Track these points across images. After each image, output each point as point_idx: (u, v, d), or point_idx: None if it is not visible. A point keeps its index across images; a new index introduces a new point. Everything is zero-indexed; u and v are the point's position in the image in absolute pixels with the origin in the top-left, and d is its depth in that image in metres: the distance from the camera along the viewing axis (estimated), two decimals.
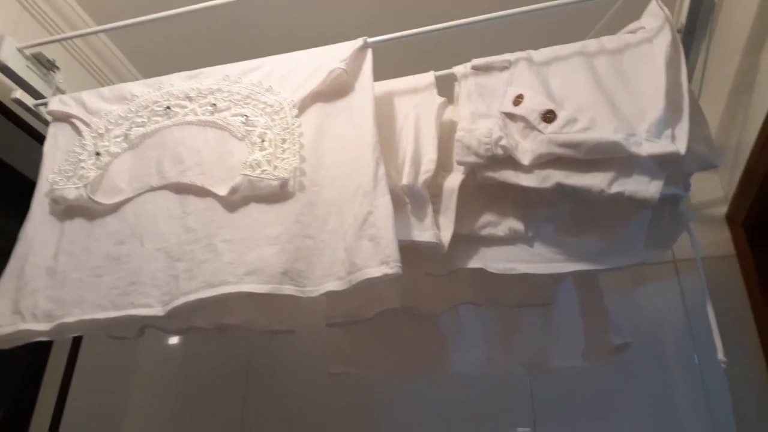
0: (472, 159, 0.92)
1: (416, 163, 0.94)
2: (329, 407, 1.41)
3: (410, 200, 0.94)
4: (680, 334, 1.30)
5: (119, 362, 1.55)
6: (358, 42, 0.97)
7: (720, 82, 1.30)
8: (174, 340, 1.59)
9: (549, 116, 0.86)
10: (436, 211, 0.96)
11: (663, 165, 0.81)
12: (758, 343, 1.23)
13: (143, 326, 1.11)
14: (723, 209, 1.37)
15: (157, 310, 0.87)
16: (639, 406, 1.27)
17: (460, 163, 0.95)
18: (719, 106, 1.33)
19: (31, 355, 1.41)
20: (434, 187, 0.97)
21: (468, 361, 1.11)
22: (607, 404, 1.29)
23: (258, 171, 0.89)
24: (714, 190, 1.39)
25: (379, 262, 0.80)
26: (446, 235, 0.93)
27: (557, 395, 1.31)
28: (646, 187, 0.80)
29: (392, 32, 1.02)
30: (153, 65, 1.49)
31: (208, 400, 1.49)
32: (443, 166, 0.99)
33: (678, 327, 1.31)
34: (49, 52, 1.24)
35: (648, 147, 0.80)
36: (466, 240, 0.97)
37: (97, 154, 1.00)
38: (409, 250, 0.98)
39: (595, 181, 0.82)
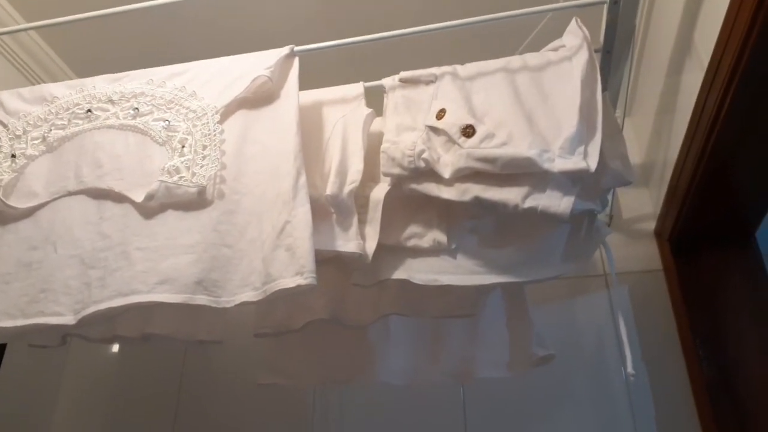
0: (396, 171, 0.93)
1: (342, 174, 0.94)
2: (262, 418, 1.39)
3: (335, 210, 0.93)
4: (609, 345, 1.33)
5: (45, 372, 1.50)
6: (285, 50, 0.97)
7: (648, 102, 1.35)
8: (104, 350, 1.55)
9: (468, 131, 0.87)
10: (362, 222, 0.96)
11: (575, 181, 0.82)
12: (681, 355, 1.26)
13: (64, 334, 1.08)
14: (652, 225, 1.41)
15: (68, 319, 0.85)
16: (570, 416, 1.29)
17: (385, 175, 0.95)
18: (647, 125, 1.38)
19: None
20: (361, 198, 0.97)
21: (395, 372, 1.11)
22: (539, 415, 1.30)
23: (176, 177, 0.87)
24: (644, 205, 1.43)
25: (294, 272, 0.79)
26: (371, 246, 0.93)
27: (489, 405, 1.32)
28: (558, 202, 0.81)
29: (324, 41, 1.02)
30: (86, 64, 1.45)
31: (139, 412, 1.45)
32: (370, 176, 0.99)
33: (607, 339, 1.33)
34: None
35: (560, 163, 0.81)
36: (391, 251, 0.97)
37: (13, 156, 0.96)
38: (336, 260, 0.98)
39: (510, 195, 0.83)
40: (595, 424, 1.27)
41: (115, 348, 1.56)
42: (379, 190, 0.97)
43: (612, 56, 0.98)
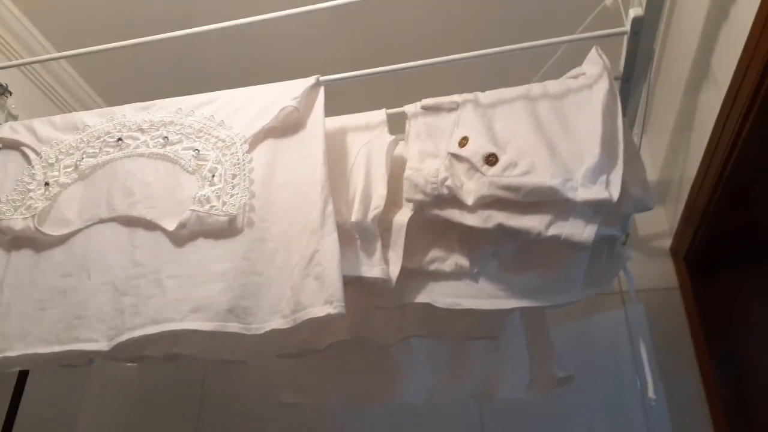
0: (419, 197, 0.95)
1: (366, 200, 0.96)
2: None
3: (359, 236, 0.95)
4: (625, 363, 1.34)
5: (69, 388, 1.53)
6: (311, 80, 0.99)
7: (664, 120, 1.36)
8: (126, 367, 1.57)
9: (491, 159, 0.89)
10: (386, 246, 0.98)
11: (597, 210, 0.84)
12: (698, 374, 1.27)
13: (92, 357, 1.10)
14: (668, 242, 1.42)
15: (102, 345, 0.87)
16: None
17: (408, 200, 0.97)
18: (663, 142, 1.39)
19: None
20: (384, 222, 0.99)
21: (416, 391, 1.13)
22: None
23: (207, 207, 0.90)
24: (660, 223, 1.45)
25: (324, 301, 0.81)
26: (394, 270, 0.95)
27: (507, 425, 1.33)
28: (581, 231, 0.83)
29: (348, 69, 1.04)
30: (114, 92, 1.49)
31: (160, 429, 1.48)
32: (393, 201, 1.01)
33: (623, 356, 1.35)
34: (6, 76, 1.23)
35: (583, 193, 0.83)
36: (414, 274, 0.99)
37: (47, 184, 0.99)
38: (359, 282, 0.99)
39: (533, 223, 0.85)
40: None
41: (135, 365, 1.58)
42: (402, 215, 0.99)
43: (631, 83, 0.99)
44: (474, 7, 1.33)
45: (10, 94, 1.24)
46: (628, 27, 0.91)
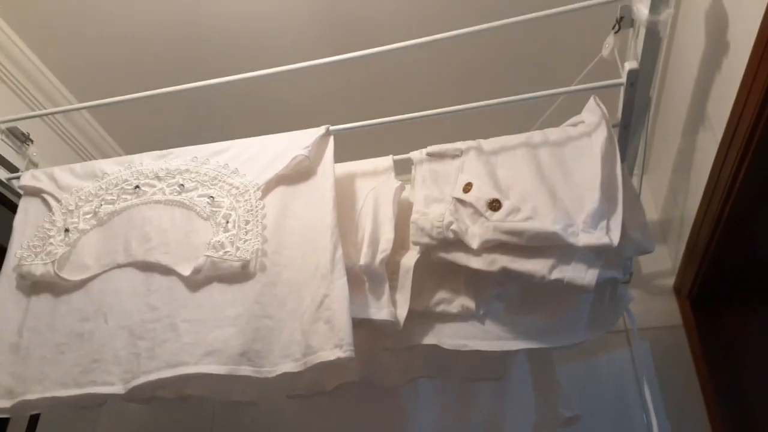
0: (425, 240, 0.98)
1: (374, 243, 0.99)
2: None
3: (368, 279, 0.98)
4: (632, 402, 1.34)
5: (80, 428, 1.54)
6: (321, 130, 1.03)
7: (664, 161, 1.40)
8: (135, 406, 1.58)
9: (495, 205, 0.92)
10: (393, 288, 1.00)
11: (599, 254, 0.87)
12: (704, 409, 1.28)
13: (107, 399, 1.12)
14: (671, 280, 1.44)
15: (118, 389, 0.89)
16: None
17: (415, 244, 1.00)
18: (664, 182, 1.43)
19: None
20: (392, 264, 1.02)
21: None
22: None
23: (221, 252, 0.93)
24: (663, 262, 1.47)
25: (333, 345, 0.84)
26: (402, 312, 0.97)
27: None
28: (583, 274, 0.85)
29: (356, 117, 1.08)
30: (132, 140, 1.56)
31: None
32: (401, 244, 1.04)
33: (630, 395, 1.35)
34: (28, 125, 1.28)
35: (584, 238, 0.86)
36: (421, 316, 1.01)
37: (66, 230, 1.03)
38: (367, 323, 1.02)
39: (537, 266, 0.88)
40: None
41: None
42: (409, 258, 1.02)
43: (629, 130, 1.03)
44: (477, 59, 1.39)
45: (32, 142, 1.29)
46: (624, 78, 0.95)
